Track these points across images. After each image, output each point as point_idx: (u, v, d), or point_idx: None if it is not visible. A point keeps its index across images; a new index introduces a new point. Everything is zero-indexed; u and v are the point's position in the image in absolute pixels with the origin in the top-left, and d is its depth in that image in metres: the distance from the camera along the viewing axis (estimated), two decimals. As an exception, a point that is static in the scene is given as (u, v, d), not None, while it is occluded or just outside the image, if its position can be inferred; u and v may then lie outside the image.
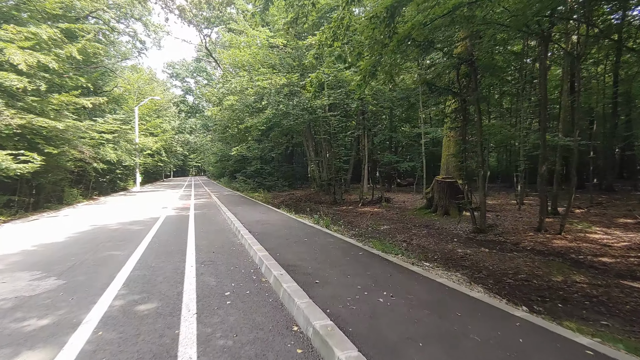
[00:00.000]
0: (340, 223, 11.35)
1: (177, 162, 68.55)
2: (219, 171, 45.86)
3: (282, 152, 38.87)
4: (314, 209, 15.20)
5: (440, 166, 13.06)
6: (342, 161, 20.51)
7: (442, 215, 11.78)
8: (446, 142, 12.74)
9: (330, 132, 17.50)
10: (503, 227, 9.79)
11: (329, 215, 13.50)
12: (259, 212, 10.42)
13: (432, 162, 25.44)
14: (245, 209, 11.40)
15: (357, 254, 5.29)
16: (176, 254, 5.66)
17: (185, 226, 8.68)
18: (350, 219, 12.83)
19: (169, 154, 51.39)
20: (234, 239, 6.92)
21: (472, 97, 8.97)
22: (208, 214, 10.83)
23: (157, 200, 17.57)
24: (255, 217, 9.35)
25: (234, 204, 13.71)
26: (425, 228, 10.32)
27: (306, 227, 7.92)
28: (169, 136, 44.41)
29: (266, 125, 15.72)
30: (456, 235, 9.28)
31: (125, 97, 33.00)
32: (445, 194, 11.80)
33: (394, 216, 12.93)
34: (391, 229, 10.34)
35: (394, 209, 14.91)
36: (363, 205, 16.67)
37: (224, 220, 9.21)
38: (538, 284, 5.33)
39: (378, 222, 11.70)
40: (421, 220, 11.58)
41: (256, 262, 5.02)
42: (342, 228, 10.30)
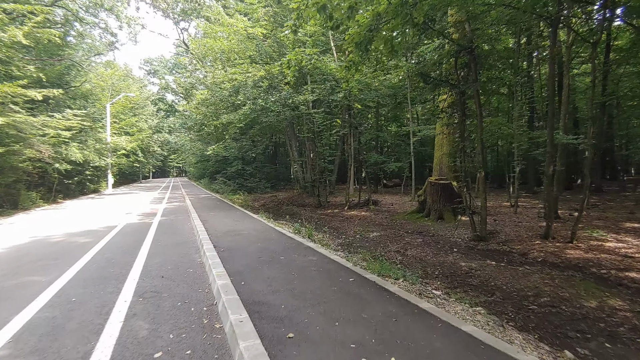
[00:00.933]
0: (325, 230, 10.21)
1: (156, 162, 66.05)
2: (200, 172, 44.04)
3: (264, 152, 37.49)
4: (296, 214, 14.02)
5: (433, 167, 12.10)
6: (327, 161, 19.41)
7: (436, 220, 10.79)
8: (439, 141, 11.78)
9: (314, 130, 16.35)
10: (505, 234, 8.84)
11: (313, 220, 12.34)
12: (233, 220, 9.16)
13: (419, 163, 24.63)
14: (218, 216, 10.12)
15: (346, 280, 4.12)
16: (113, 281, 4.38)
17: (142, 238, 7.36)
18: (336, 224, 11.71)
19: (146, 154, 49.16)
20: (195, 255, 5.68)
21: (472, 89, 7.96)
22: (175, 221, 9.51)
23: (125, 204, 16.02)
24: (226, 226, 8.10)
25: (207, 208, 12.38)
26: (419, 235, 9.29)
27: (285, 239, 6.72)
28: (145, 135, 42.29)
29: (244, 122, 14.43)
30: (455, 243, 8.28)
31: (96, 94, 30.97)
32: (439, 197, 10.82)
33: (383, 221, 11.87)
34: (382, 237, 9.26)
35: (382, 213, 13.88)
36: (349, 208, 15.59)
37: (190, 230, 7.92)
38: (569, 312, 4.31)
39: (366, 227, 10.61)
40: (414, 226, 10.56)
41: (213, 294, 3.81)
42: (327, 236, 9.15)
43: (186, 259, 5.47)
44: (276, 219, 11.87)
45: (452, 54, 8.10)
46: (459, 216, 10.86)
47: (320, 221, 12.27)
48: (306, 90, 13.67)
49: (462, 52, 8.13)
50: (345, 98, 11.67)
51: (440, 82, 8.47)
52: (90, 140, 24.44)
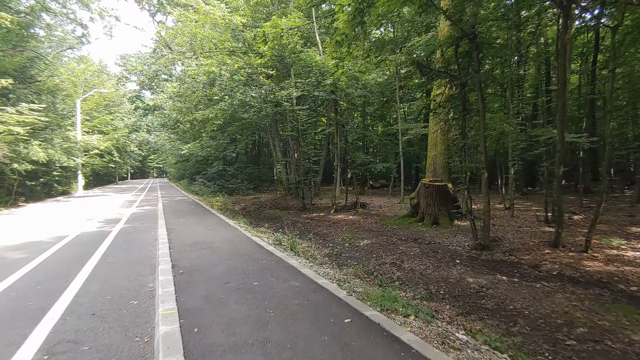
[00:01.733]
0: (310, 237, 9.20)
1: (134, 163, 63.53)
2: (180, 173, 42.25)
3: (247, 152, 36.18)
4: (278, 218, 12.94)
5: (426, 167, 11.25)
6: (312, 162, 18.40)
7: (431, 225, 9.92)
8: (432, 139, 10.93)
9: (299, 128, 15.32)
10: (508, 241, 8.02)
11: (297, 225, 11.30)
12: (205, 227, 8.02)
13: (407, 163, 23.90)
14: (188, 222, 8.96)
15: (341, 322, 3.02)
16: (24, 321, 3.23)
17: (92, 252, 6.16)
18: (323, 229, 10.71)
19: (122, 154, 46.94)
20: (148, 278, 4.54)
21: (474, 80, 7.09)
22: (137, 230, 8.28)
23: (91, 208, 14.58)
24: (195, 236, 6.96)
25: (179, 214, 11.16)
26: (414, 243, 8.38)
27: (262, 254, 5.62)
28: (121, 134, 40.24)
29: (222, 119, 13.25)
30: (455, 253, 7.40)
31: (65, 89, 29.01)
32: (434, 200, 9.96)
33: (373, 226, 10.94)
34: (373, 245, 8.31)
35: (371, 216, 12.96)
36: (336, 211, 14.62)
37: (151, 242, 6.73)
38: (619, 350, 3.42)
39: (356, 234, 9.65)
40: (407, 232, 9.66)
41: (154, 347, 2.71)
42: (312, 246, 8.13)
43: (135, 283, 4.33)
44: (256, 226, 10.77)
45: (452, 42, 7.21)
46: (456, 221, 10.04)
47: (304, 227, 11.24)
48: (289, 85, 12.61)
49: (463, 39, 7.25)
50: (332, 86, 10.61)
51: (439, 73, 7.58)
52: (56, 139, 22.66)
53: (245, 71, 11.28)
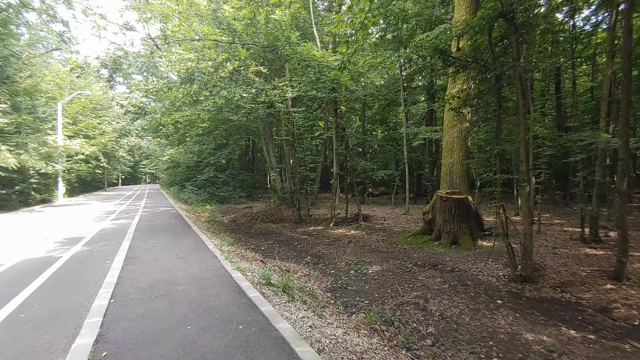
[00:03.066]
0: (308, 261, 7.67)
1: (125, 168, 61.52)
2: (171, 179, 40.51)
3: (240, 158, 34.62)
4: (271, 234, 11.39)
5: (441, 177, 9.80)
6: (309, 169, 16.90)
7: (449, 244, 8.43)
8: (448, 145, 9.50)
9: (294, 132, 13.84)
10: (552, 270, 6.54)
11: (292, 244, 9.76)
12: (175, 255, 6.40)
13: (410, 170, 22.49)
14: (158, 247, 7.36)
15: None
16: None
17: (14, 294, 4.58)
18: (322, 249, 9.19)
19: (111, 159, 45.10)
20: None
21: (513, 70, 5.66)
22: (93, 256, 6.62)
23: (59, 221, 12.94)
24: (157, 272, 5.34)
25: (152, 232, 9.56)
26: (434, 270, 6.88)
27: (241, 307, 3.94)
28: (108, 139, 38.48)
29: (208, 120, 11.73)
30: (490, 286, 5.90)
31: (44, 90, 27.35)
32: (453, 216, 8.48)
33: (380, 244, 9.44)
34: (385, 273, 6.79)
35: (376, 232, 11.46)
36: (336, 224, 13.10)
37: (98, 280, 5.08)
38: None
39: (362, 256, 8.13)
40: (422, 254, 8.16)
41: None
42: (310, 274, 6.60)
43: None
44: (244, 245, 9.21)
45: (485, 23, 5.77)
46: (479, 240, 8.56)
47: (301, 245, 9.71)
48: (284, 82, 11.13)
49: (498, 20, 5.84)
50: (333, 82, 9.14)
51: (467, 62, 6.13)
52: (32, 143, 20.97)
53: (232, 64, 9.77)
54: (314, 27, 13.15)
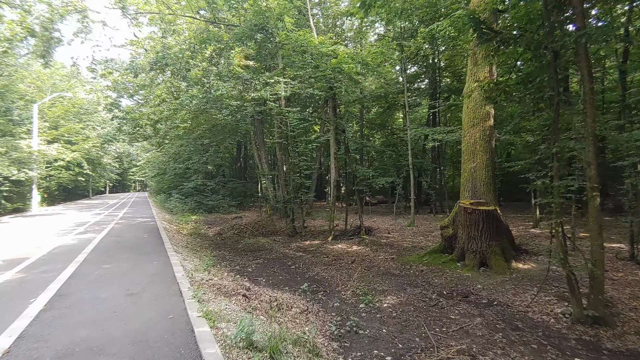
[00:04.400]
0: (305, 289, 6.11)
1: (112, 176, 59.29)
2: (159, 187, 38.61)
3: (231, 165, 32.99)
4: (261, 251, 9.79)
5: (461, 184, 8.34)
6: (303, 175, 15.38)
7: (477, 267, 6.93)
8: (469, 147, 8.08)
9: (288, 134, 12.36)
10: (622, 304, 5.06)
11: (285, 264, 8.18)
12: (124, 291, 4.67)
13: (411, 177, 21.09)
14: (108, 275, 5.67)
15: None
16: None
17: None
18: (321, 271, 7.63)
19: (95, 166, 43.07)
20: None
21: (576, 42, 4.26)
22: (7, 295, 4.98)
23: (16, 234, 11.23)
24: (86, 325, 3.57)
25: (113, 251, 7.92)
26: (468, 304, 5.36)
27: None
28: (93, 145, 36.58)
29: (190, 118, 10.17)
30: (548, 329, 4.42)
31: (16, 91, 25.56)
32: (481, 231, 7.00)
33: (390, 264, 7.90)
34: (404, 307, 5.26)
35: (382, 247, 9.95)
36: (334, 238, 11.54)
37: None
38: None
39: (370, 281, 6.59)
40: (445, 279, 6.65)
41: None
42: (309, 309, 5.04)
43: None
44: (227, 267, 7.60)
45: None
46: (513, 262, 7.07)
47: (296, 266, 8.13)
48: (276, 78, 9.65)
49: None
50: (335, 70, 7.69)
51: (513, 36, 4.70)
52: (0, 148, 19.19)
53: (212, 45, 8.22)
54: (310, 18, 11.76)
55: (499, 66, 7.05)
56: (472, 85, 8.34)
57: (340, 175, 13.91)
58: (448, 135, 11.94)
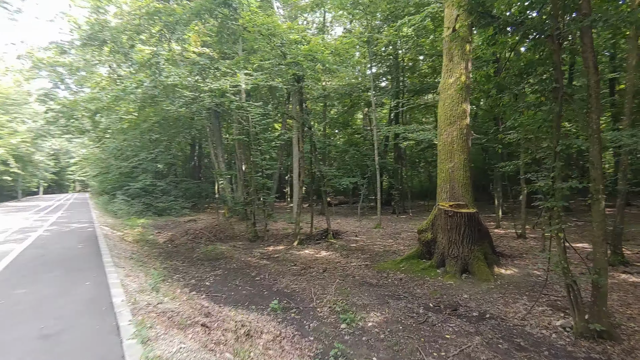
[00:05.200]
0: (275, 307, 5.25)
1: (46, 175, 53.34)
2: (102, 187, 35.12)
3: (183, 164, 30.87)
4: (220, 259, 8.70)
5: (438, 185, 7.92)
6: (265, 175, 14.40)
7: (459, 273, 6.50)
8: (446, 147, 7.67)
9: (250, 131, 11.33)
10: (623, 315, 4.78)
11: (248, 275, 7.22)
12: (36, 332, 3.19)
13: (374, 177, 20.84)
14: (21, 305, 4.24)
15: None
16: None
17: None
18: (290, 282, 6.80)
19: (26, 164, 38.34)
20: None
21: (581, 28, 3.87)
22: None
23: None
24: None
25: (36, 267, 6.47)
26: (459, 319, 4.83)
27: None
28: (22, 140, 32.42)
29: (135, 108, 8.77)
30: (552, 347, 4.00)
31: None
32: (462, 236, 6.58)
33: (366, 273, 7.26)
34: (391, 326, 4.60)
35: (353, 252, 9.32)
36: (301, 243, 10.74)
37: None
38: None
39: (348, 294, 5.87)
40: (427, 288, 6.12)
41: None
42: (281, 333, 4.20)
43: None
44: (180, 281, 6.49)
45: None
46: (495, 267, 6.73)
47: (260, 276, 7.22)
48: (239, 65, 8.62)
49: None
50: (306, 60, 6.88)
51: (514, 22, 4.22)
52: None
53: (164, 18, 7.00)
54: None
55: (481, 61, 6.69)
56: (448, 82, 7.96)
57: (306, 175, 13.13)
58: (422, 134, 11.61)
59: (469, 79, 8.16)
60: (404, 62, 18.39)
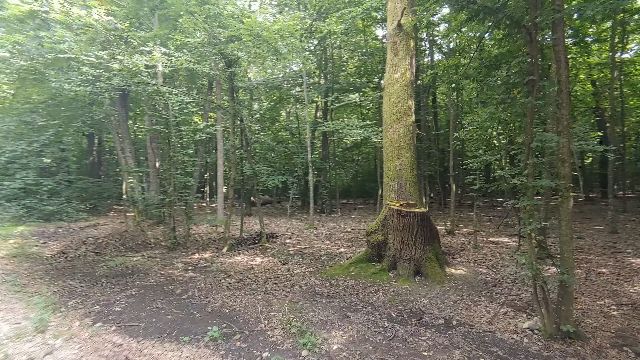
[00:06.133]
0: (215, 334, 4.19)
1: None
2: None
3: (78, 160, 26.29)
4: (132, 274, 7.07)
5: (385, 184, 7.57)
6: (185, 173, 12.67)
7: (412, 276, 6.19)
8: (393, 143, 7.38)
9: (169, 121, 9.72)
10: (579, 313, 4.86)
11: (172, 293, 5.88)
12: None
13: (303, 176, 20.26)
14: None
15: None
16: None
17: None
18: (225, 299, 5.71)
19: None
20: None
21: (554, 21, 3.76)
22: None
23: None
24: None
25: None
26: (427, 328, 4.42)
27: None
28: None
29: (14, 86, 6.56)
30: (528, 353, 3.76)
31: None
32: (415, 237, 6.29)
33: (313, 281, 6.53)
34: (359, 346, 3.96)
35: (292, 257, 8.53)
36: (231, 248, 9.54)
37: None
38: None
39: (299, 310, 5.05)
40: (383, 295, 5.65)
41: None
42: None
43: None
44: (79, 310, 4.93)
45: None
46: (446, 267, 6.60)
47: (188, 292, 5.96)
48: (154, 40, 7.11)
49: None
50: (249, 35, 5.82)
51: (490, 9, 3.91)
52: None
53: None
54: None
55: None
56: (393, 76, 7.71)
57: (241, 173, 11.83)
58: (365, 131, 11.28)
59: (413, 75, 8.04)
60: (333, 59, 18.21)
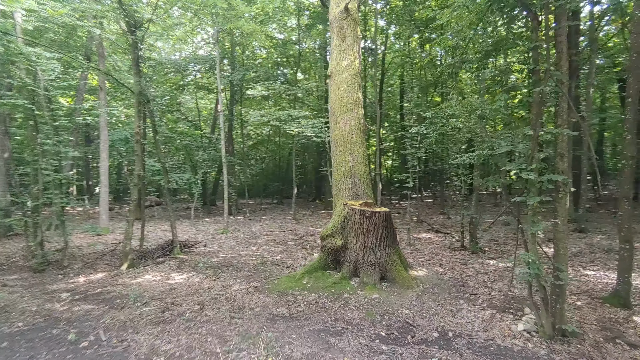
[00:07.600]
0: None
1: None
2: None
3: None
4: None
5: (336, 181, 6.76)
6: (55, 167, 9.60)
7: (378, 282, 5.59)
8: (345, 135, 6.66)
9: (36, 95, 7.04)
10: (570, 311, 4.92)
11: (62, 338, 3.90)
12: None
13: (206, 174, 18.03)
14: None
15: None
16: None
17: None
18: (153, 342, 4.10)
19: None
20: None
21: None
22: None
23: None
24: None
25: None
26: (426, 345, 3.82)
27: None
28: None
29: None
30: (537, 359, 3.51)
31: None
32: (380, 239, 5.71)
33: (265, 300, 5.34)
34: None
35: (221, 270, 7.08)
36: (133, 265, 7.43)
37: None
38: None
39: (270, 343, 3.86)
40: (353, 308, 4.90)
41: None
42: None
43: None
44: None
45: None
46: (410, 270, 6.19)
47: (90, 342, 4.07)
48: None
49: None
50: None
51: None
52: None
53: None
54: None
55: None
56: (342, 64, 7.03)
57: (142, 168, 9.39)
58: (308, 125, 10.10)
59: (360, 64, 7.50)
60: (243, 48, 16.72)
